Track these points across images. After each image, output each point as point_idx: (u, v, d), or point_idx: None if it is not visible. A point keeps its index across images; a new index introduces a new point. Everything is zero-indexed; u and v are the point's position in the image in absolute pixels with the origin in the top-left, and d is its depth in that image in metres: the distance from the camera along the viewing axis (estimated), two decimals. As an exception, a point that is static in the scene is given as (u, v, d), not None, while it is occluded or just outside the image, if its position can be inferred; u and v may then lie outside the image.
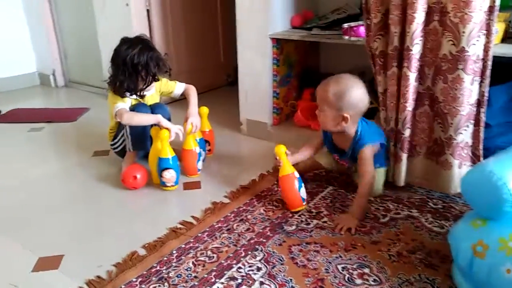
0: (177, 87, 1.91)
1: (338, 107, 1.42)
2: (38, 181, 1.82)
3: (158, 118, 1.69)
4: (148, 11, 2.62)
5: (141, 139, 1.78)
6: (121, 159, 1.86)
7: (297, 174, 1.51)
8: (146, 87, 1.76)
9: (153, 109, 1.79)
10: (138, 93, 1.77)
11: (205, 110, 1.94)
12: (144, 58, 1.67)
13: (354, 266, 1.22)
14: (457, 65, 1.37)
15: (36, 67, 3.42)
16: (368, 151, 1.48)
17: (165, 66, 1.77)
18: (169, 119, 1.82)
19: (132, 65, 1.66)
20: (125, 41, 1.72)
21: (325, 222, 1.44)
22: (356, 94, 1.43)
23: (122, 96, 1.72)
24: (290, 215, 1.49)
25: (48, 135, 2.36)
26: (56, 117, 2.59)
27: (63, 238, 1.40)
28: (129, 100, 1.77)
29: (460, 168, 1.50)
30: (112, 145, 1.87)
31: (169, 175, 1.65)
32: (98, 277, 1.20)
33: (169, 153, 1.64)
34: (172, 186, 1.68)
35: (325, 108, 1.45)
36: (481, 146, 1.46)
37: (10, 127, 2.46)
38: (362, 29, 1.71)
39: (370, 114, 1.87)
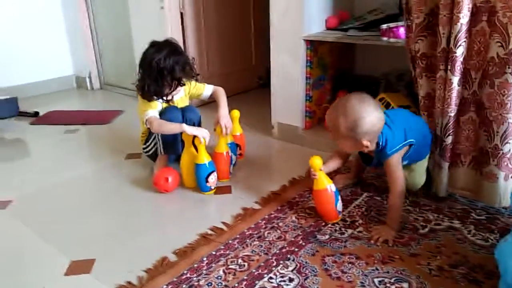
0: (206, 89, 1.90)
1: (354, 137, 1.31)
2: (72, 183, 1.85)
3: (182, 127, 1.66)
4: (182, 14, 2.63)
5: (172, 142, 1.78)
6: (153, 162, 1.87)
7: (333, 187, 1.42)
8: (172, 91, 1.75)
9: (184, 112, 1.79)
10: (165, 97, 1.76)
11: (236, 113, 1.91)
12: (170, 62, 1.66)
13: (392, 280, 1.16)
14: (505, 69, 1.27)
15: (73, 70, 3.52)
16: (394, 160, 1.37)
17: (192, 71, 1.76)
18: (199, 122, 1.81)
19: (158, 69, 1.66)
20: (153, 44, 1.72)
21: (360, 232, 1.38)
22: (368, 121, 1.28)
23: (150, 100, 1.73)
24: (323, 223, 1.44)
25: (82, 137, 2.41)
26: (91, 119, 2.64)
27: (95, 241, 1.41)
28: (160, 105, 1.77)
29: (506, 180, 1.40)
30: (144, 149, 1.88)
31: (213, 179, 1.66)
32: (129, 282, 1.20)
33: (207, 158, 1.64)
34: (212, 190, 1.68)
35: (341, 139, 1.35)
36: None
37: (46, 129, 2.53)
38: (402, 30, 1.64)
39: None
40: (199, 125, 1.82)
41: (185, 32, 2.67)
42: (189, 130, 1.66)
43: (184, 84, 1.79)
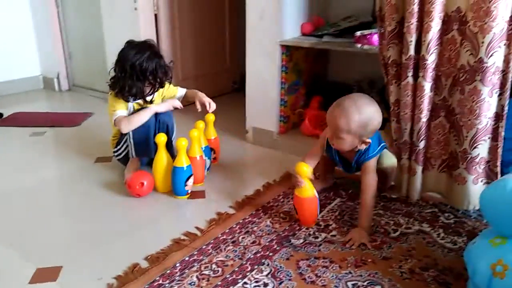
0: (179, 91, 1.91)
1: (361, 134, 1.37)
2: (39, 187, 1.77)
3: (153, 108, 1.71)
4: (155, 15, 2.60)
5: (145, 145, 1.74)
6: (123, 166, 1.82)
7: (317, 195, 1.44)
8: (153, 92, 1.76)
9: (157, 114, 1.76)
10: (144, 98, 1.75)
11: (211, 117, 1.90)
12: (153, 65, 1.68)
13: (365, 284, 1.17)
14: (475, 76, 1.32)
15: (40, 70, 3.40)
16: (372, 163, 1.44)
17: (171, 73, 1.79)
18: (172, 124, 1.80)
19: (141, 70, 1.66)
20: (132, 45, 1.71)
21: (334, 236, 1.39)
22: (378, 120, 1.38)
23: (126, 100, 1.71)
24: (298, 228, 1.44)
25: (50, 139, 2.32)
26: (59, 121, 2.56)
27: (62, 247, 1.36)
28: (131, 105, 1.75)
29: (475, 183, 1.45)
30: (114, 152, 1.84)
31: (191, 183, 1.64)
32: (98, 290, 1.16)
33: (187, 161, 1.62)
34: (188, 194, 1.66)
35: (344, 135, 1.37)
36: (499, 162, 1.41)
37: (11, 131, 2.43)
38: (375, 38, 1.67)
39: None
40: (172, 128, 1.79)
41: (158, 33, 2.64)
42: (161, 107, 1.72)
43: (163, 86, 1.79)
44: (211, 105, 1.82)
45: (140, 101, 1.77)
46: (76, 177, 1.86)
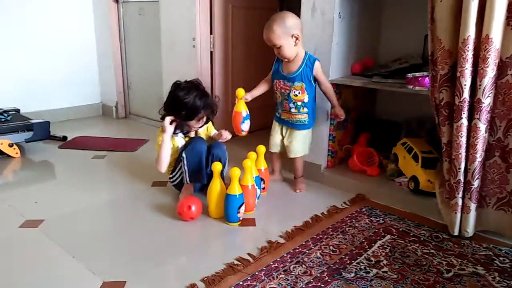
0: (214, 130, 2.06)
1: (288, 32, 1.81)
2: (102, 207, 1.91)
3: (164, 134, 1.84)
4: (211, 52, 2.78)
5: (198, 171, 1.86)
6: (179, 192, 1.93)
7: (244, 113, 1.95)
8: (201, 126, 1.93)
9: (210, 147, 1.92)
10: (191, 131, 1.93)
11: (262, 148, 1.99)
12: (201, 103, 1.83)
13: (418, 322, 1.17)
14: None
15: (101, 99, 3.66)
16: (320, 67, 1.93)
17: (216, 110, 1.97)
18: (225, 159, 1.93)
19: (192, 109, 1.82)
20: (181, 87, 1.87)
21: (385, 272, 1.40)
22: (290, 15, 1.83)
23: (175, 133, 1.88)
24: (348, 261, 1.46)
25: (110, 162, 2.48)
26: (118, 146, 2.74)
27: (126, 264, 1.44)
28: (179, 140, 1.92)
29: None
30: (170, 178, 1.96)
31: (243, 211, 1.73)
32: (160, 306, 1.22)
33: (239, 190, 1.71)
34: (239, 221, 1.73)
35: (281, 42, 1.82)
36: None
37: (75, 153, 2.62)
38: (427, 80, 1.72)
39: (430, 163, 1.84)
40: (224, 161, 1.92)
41: (213, 69, 2.81)
42: (167, 131, 1.84)
43: (209, 121, 1.96)
44: (225, 134, 1.95)
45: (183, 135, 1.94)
46: (136, 199, 1.97)
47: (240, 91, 1.95)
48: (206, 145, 1.90)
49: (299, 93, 1.93)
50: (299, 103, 1.96)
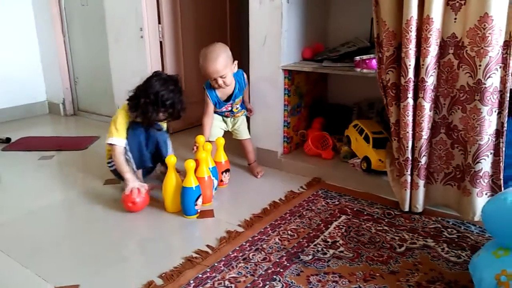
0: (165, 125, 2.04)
1: (230, 59, 1.90)
2: (51, 209, 1.81)
3: (126, 180, 1.77)
4: (161, 42, 2.69)
5: (140, 157, 1.88)
6: (119, 179, 1.93)
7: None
8: (167, 121, 1.91)
9: (149, 132, 1.90)
10: (152, 125, 1.88)
11: (221, 141, 1.97)
12: (175, 98, 1.81)
13: (374, 297, 1.21)
14: (474, 96, 1.41)
15: (46, 96, 3.47)
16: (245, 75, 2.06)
17: (184, 111, 1.94)
18: (165, 142, 1.93)
19: (163, 100, 1.78)
20: (160, 77, 1.84)
21: (341, 252, 1.44)
22: (227, 47, 1.94)
23: (135, 118, 1.84)
24: (306, 244, 1.48)
25: (58, 163, 2.37)
26: (66, 145, 2.61)
27: (78, 266, 1.39)
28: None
29: (479, 196, 1.52)
30: (108, 163, 1.95)
31: (200, 203, 1.70)
32: (116, 306, 1.18)
33: (195, 182, 1.68)
34: (197, 213, 1.71)
35: (226, 70, 1.87)
36: (501, 176, 1.48)
37: (20, 155, 2.48)
38: (374, 62, 1.76)
39: (381, 143, 1.90)
40: (165, 141, 1.94)
41: (164, 60, 2.73)
42: (129, 184, 1.76)
43: (177, 119, 1.93)
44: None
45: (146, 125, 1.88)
46: (87, 198, 1.89)
47: (199, 137, 1.90)
48: (144, 131, 1.88)
49: (239, 104, 2.07)
50: (238, 109, 2.09)
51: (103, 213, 1.76)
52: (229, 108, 2.05)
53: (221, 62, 1.86)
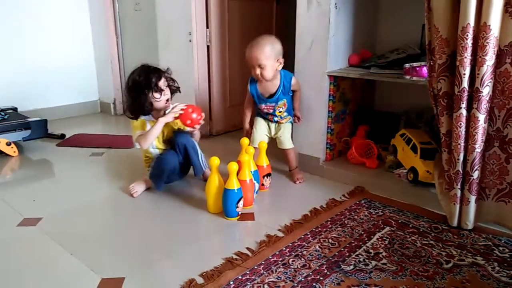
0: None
1: (275, 54, 1.88)
2: (101, 203, 1.91)
3: (161, 120, 1.84)
4: (208, 46, 2.76)
5: (158, 174, 1.92)
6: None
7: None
8: (160, 100, 1.88)
9: (176, 136, 1.95)
10: (152, 110, 1.90)
11: (264, 144, 1.98)
12: (143, 75, 1.83)
13: (418, 313, 1.17)
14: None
15: (99, 96, 3.65)
16: (297, 82, 2.04)
17: (172, 81, 1.95)
18: (193, 147, 1.95)
19: (134, 84, 1.83)
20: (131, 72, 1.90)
21: (384, 264, 1.40)
22: (278, 40, 1.92)
23: (137, 117, 1.89)
24: (347, 254, 1.46)
25: (108, 160, 2.48)
26: (116, 143, 2.72)
27: (124, 260, 1.44)
28: (148, 124, 1.91)
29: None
30: (149, 171, 2.01)
31: (242, 205, 1.72)
32: (158, 302, 1.22)
33: (237, 184, 1.70)
34: (238, 216, 1.73)
35: (267, 62, 1.86)
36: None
37: (73, 151, 2.61)
38: (425, 70, 1.71)
39: (429, 154, 1.83)
40: (192, 147, 1.95)
41: (210, 64, 2.79)
42: (168, 117, 1.84)
43: (174, 91, 1.96)
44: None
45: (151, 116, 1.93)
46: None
47: (244, 139, 1.92)
48: (177, 161, 1.93)
49: (282, 108, 2.04)
50: (283, 114, 2.06)
51: (149, 210, 1.82)
52: (271, 111, 2.04)
53: (263, 50, 1.86)
